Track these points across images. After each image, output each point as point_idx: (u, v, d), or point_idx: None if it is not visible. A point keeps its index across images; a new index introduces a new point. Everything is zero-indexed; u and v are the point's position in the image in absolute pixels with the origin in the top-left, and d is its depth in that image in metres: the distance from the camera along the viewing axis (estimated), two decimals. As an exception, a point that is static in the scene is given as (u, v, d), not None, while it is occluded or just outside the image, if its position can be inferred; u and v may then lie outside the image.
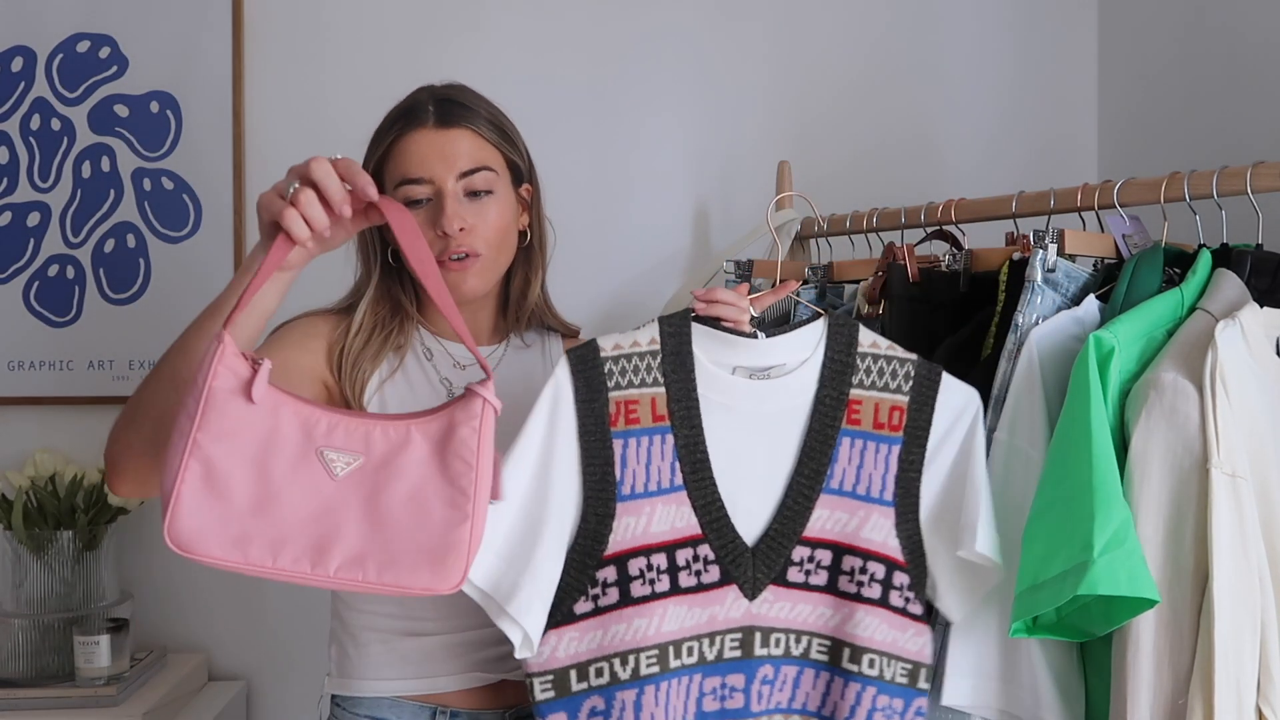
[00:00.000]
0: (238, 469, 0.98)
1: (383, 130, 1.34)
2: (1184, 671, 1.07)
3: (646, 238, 2.19)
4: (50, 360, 2.10)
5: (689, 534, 1.17)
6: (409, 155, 1.31)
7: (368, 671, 1.33)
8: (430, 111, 1.32)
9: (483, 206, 1.32)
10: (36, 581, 1.92)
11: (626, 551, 1.15)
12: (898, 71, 2.22)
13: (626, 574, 1.15)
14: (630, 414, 1.16)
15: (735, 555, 1.18)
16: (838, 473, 1.20)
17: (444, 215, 1.29)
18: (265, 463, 0.99)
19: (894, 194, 1.88)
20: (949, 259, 1.44)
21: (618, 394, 1.16)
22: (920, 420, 1.20)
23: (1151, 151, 2.06)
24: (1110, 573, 1.02)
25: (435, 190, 1.30)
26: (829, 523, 1.20)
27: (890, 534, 1.19)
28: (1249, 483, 1.07)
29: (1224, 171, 1.24)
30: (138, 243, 2.11)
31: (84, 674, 1.86)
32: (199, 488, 0.97)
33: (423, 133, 1.31)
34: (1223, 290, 1.20)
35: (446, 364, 1.38)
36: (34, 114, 2.09)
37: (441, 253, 1.30)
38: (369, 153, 1.35)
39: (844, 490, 1.20)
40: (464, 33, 2.14)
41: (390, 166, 1.32)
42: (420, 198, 1.31)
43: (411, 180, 1.30)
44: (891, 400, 1.20)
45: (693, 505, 1.17)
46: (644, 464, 1.16)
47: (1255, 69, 1.78)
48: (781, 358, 1.20)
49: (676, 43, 2.18)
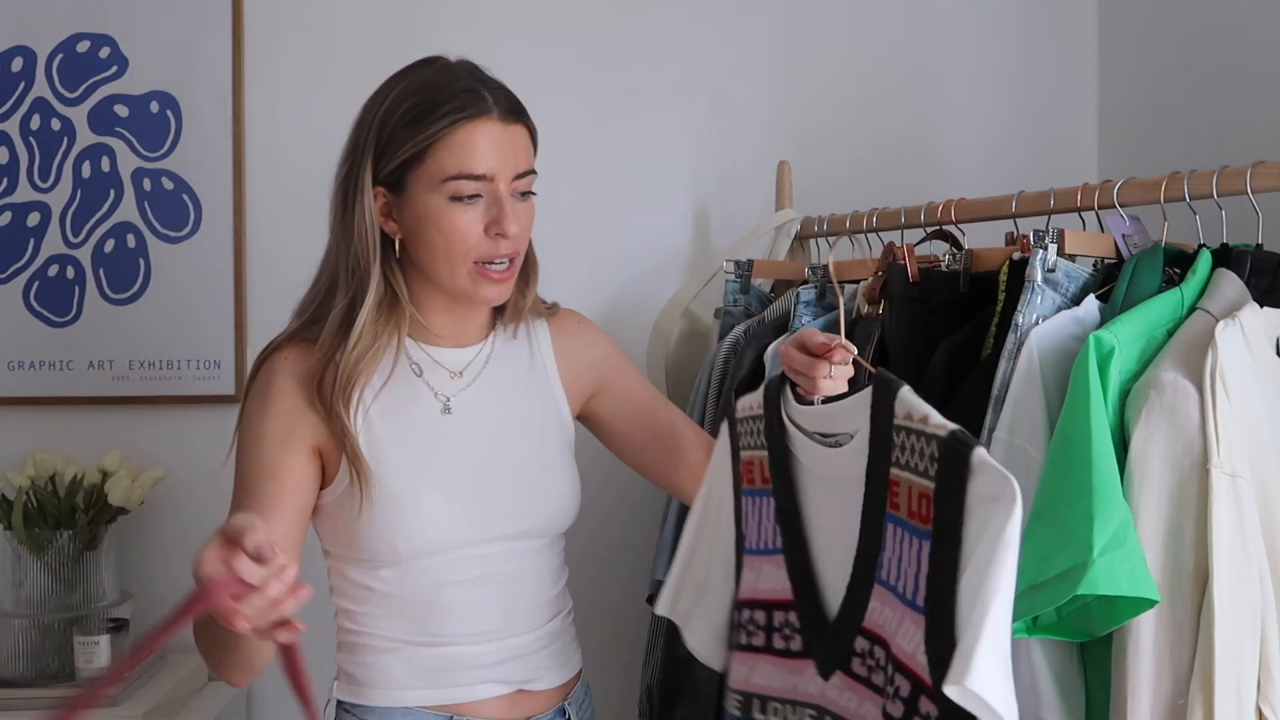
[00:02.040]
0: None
1: (428, 111, 1.20)
2: (1184, 671, 1.07)
3: (646, 238, 2.19)
4: (50, 360, 2.10)
5: (784, 597, 1.17)
6: (471, 148, 1.19)
7: (380, 681, 1.30)
8: (490, 101, 1.21)
9: (525, 209, 1.26)
10: (36, 581, 1.92)
11: (745, 601, 1.20)
12: (898, 72, 2.22)
13: (740, 620, 1.21)
14: (749, 474, 1.22)
15: (816, 629, 1.13)
16: (886, 562, 1.04)
17: (505, 216, 1.21)
18: None
19: (894, 194, 1.88)
20: (949, 259, 1.44)
21: (745, 455, 1.22)
22: (948, 512, 0.97)
23: (1151, 151, 2.06)
24: (1110, 573, 1.02)
25: (493, 189, 1.21)
26: (881, 617, 1.04)
27: (919, 648, 0.97)
28: (1249, 483, 1.07)
29: (1224, 171, 1.24)
30: (138, 243, 2.11)
31: (84, 674, 1.86)
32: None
33: (489, 124, 1.20)
34: (1223, 290, 1.20)
35: (440, 376, 1.32)
36: (34, 114, 2.09)
37: (488, 256, 1.23)
38: (401, 133, 1.20)
39: (889, 583, 1.04)
40: (464, 31, 2.14)
41: (441, 156, 1.19)
42: (473, 195, 1.21)
43: (473, 177, 1.20)
44: (920, 486, 1.00)
45: (788, 569, 1.16)
46: (758, 522, 1.20)
47: (1255, 69, 1.78)
48: (841, 425, 1.11)
49: (677, 43, 2.18)
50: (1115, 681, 1.10)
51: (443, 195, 1.21)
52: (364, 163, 1.23)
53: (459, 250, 1.23)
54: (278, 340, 1.31)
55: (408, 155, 1.20)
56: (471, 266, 1.24)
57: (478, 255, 1.23)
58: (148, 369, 2.11)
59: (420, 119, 1.20)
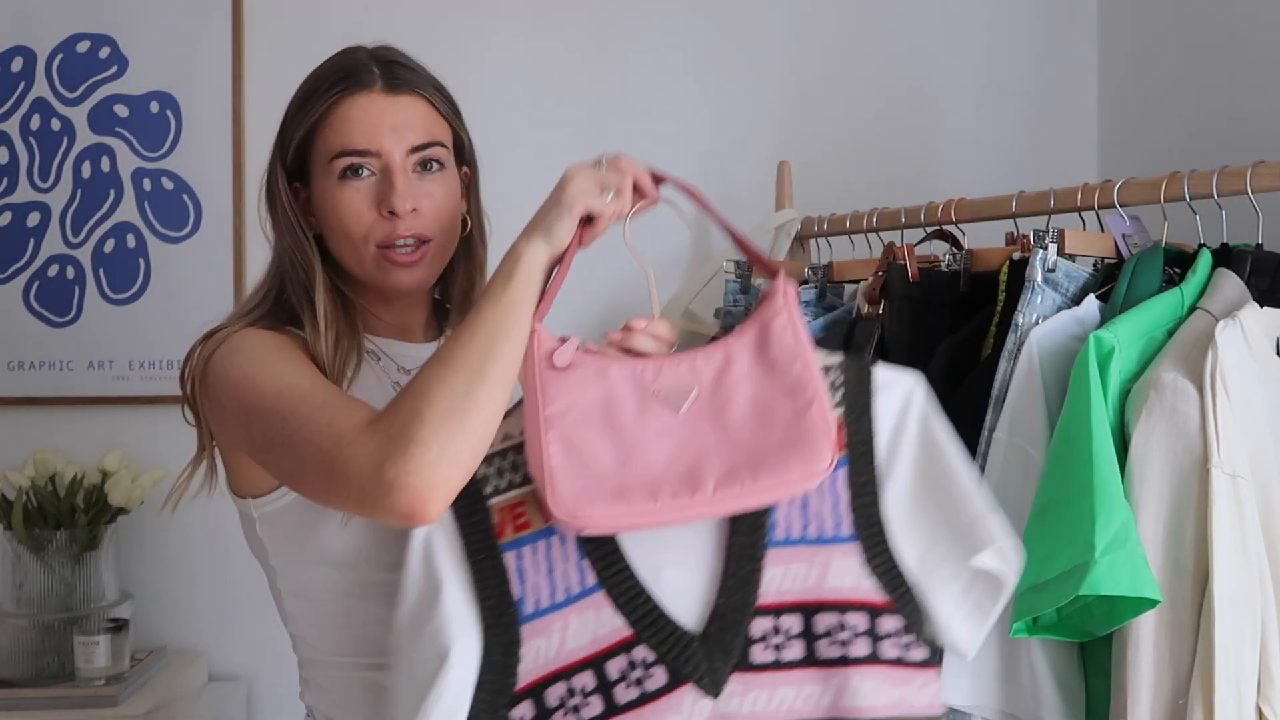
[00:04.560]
0: (592, 434, 0.98)
1: (313, 91, 1.16)
2: (1184, 671, 1.07)
3: (646, 238, 2.18)
4: (50, 360, 2.10)
5: (617, 639, 0.98)
6: (352, 123, 1.13)
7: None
8: (376, 74, 1.15)
9: (432, 185, 1.16)
10: (36, 581, 1.91)
11: (541, 680, 0.98)
12: (898, 71, 2.22)
13: (545, 707, 0.97)
14: (519, 519, 1.01)
15: (681, 649, 0.98)
16: (780, 520, 1.00)
17: (394, 193, 1.12)
18: (614, 420, 0.99)
19: (894, 194, 1.88)
20: (949, 259, 1.44)
21: (498, 500, 1.01)
22: (860, 432, 1.01)
23: (1151, 151, 2.06)
24: (1112, 573, 1.03)
25: (381, 165, 1.14)
26: (786, 581, 1.00)
27: (861, 575, 0.99)
28: (1249, 482, 1.07)
29: (1224, 171, 1.24)
30: (138, 243, 2.11)
31: (84, 674, 1.86)
32: (565, 461, 0.96)
33: (369, 97, 1.14)
34: (1223, 290, 1.20)
35: (392, 367, 1.22)
36: (34, 114, 2.09)
37: (387, 238, 1.13)
38: (293, 117, 1.17)
39: (793, 539, 1.00)
40: (464, 32, 2.14)
41: (325, 135, 1.14)
42: (362, 170, 1.13)
43: (355, 152, 1.13)
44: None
45: (614, 604, 0.98)
46: (545, 573, 1.00)
47: (1255, 68, 1.78)
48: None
49: (677, 43, 2.18)
50: (1115, 681, 1.10)
51: (333, 175, 1.14)
52: (275, 156, 1.20)
53: (356, 233, 1.14)
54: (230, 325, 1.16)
55: (300, 138, 1.16)
56: (374, 251, 1.15)
57: (377, 238, 1.14)
58: (148, 369, 2.11)
59: (306, 100, 1.16)
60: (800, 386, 0.99)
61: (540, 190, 1.47)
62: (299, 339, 1.14)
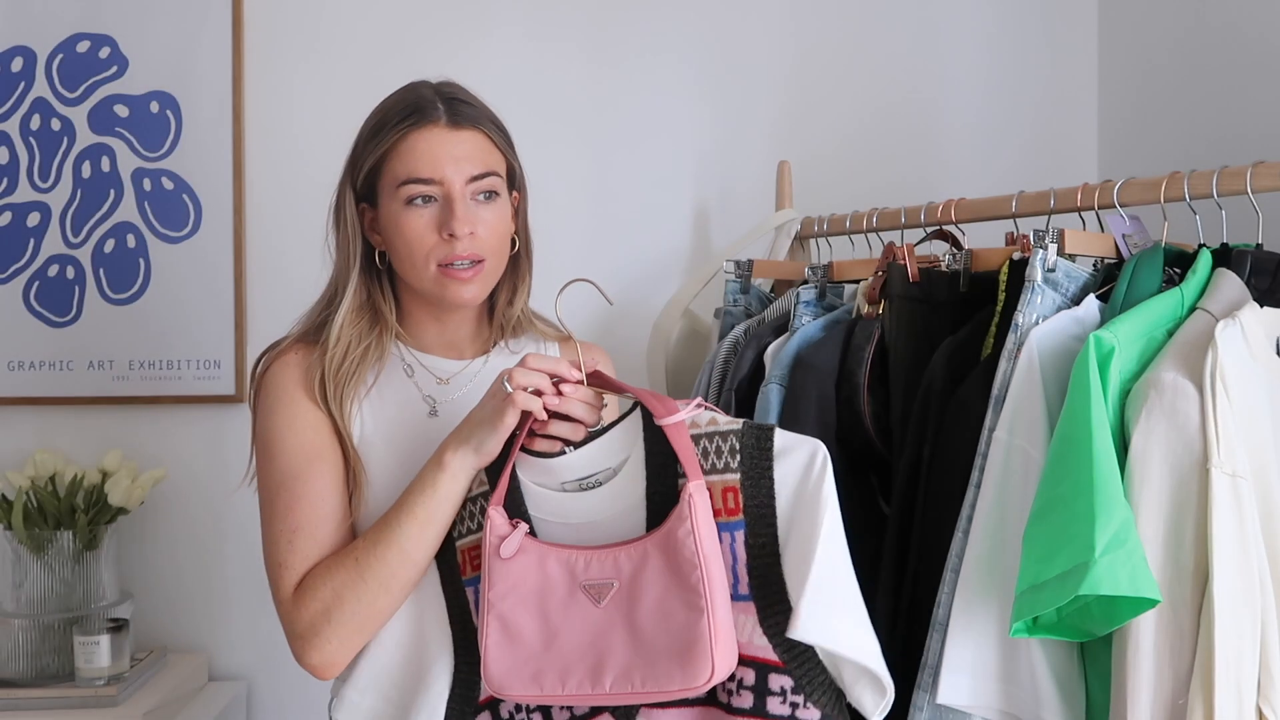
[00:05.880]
0: (525, 616, 1.11)
1: (383, 124, 1.30)
2: (1184, 671, 1.07)
3: (646, 238, 2.19)
4: (50, 360, 2.10)
5: None
6: (418, 154, 1.27)
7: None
8: (440, 110, 1.28)
9: (487, 212, 1.29)
10: (36, 581, 1.92)
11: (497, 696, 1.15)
12: (898, 71, 2.22)
13: (499, 717, 1.17)
14: (474, 560, 1.18)
15: None
16: None
17: (454, 218, 1.26)
18: (545, 606, 1.11)
19: (894, 194, 1.88)
20: (949, 259, 1.44)
21: (462, 542, 1.19)
22: (759, 497, 1.09)
23: (1151, 151, 2.06)
24: (1112, 573, 1.02)
25: (444, 192, 1.27)
26: None
27: (754, 632, 1.08)
28: (1249, 482, 1.07)
29: (1224, 171, 1.24)
30: (138, 243, 2.11)
31: (84, 674, 1.86)
32: (500, 639, 1.11)
33: (434, 131, 1.27)
34: (1223, 290, 1.20)
35: (429, 381, 1.34)
36: (34, 114, 2.09)
37: (446, 257, 1.27)
38: (365, 147, 1.30)
39: None
40: (464, 32, 2.14)
41: (394, 164, 1.28)
42: (426, 197, 1.27)
43: (420, 180, 1.26)
44: (723, 481, 1.10)
45: None
46: None
47: (1255, 68, 1.79)
48: (599, 464, 1.15)
49: (677, 43, 2.18)
50: (1115, 681, 1.10)
51: (400, 200, 1.27)
52: (345, 178, 1.33)
53: (419, 252, 1.28)
54: (280, 343, 1.34)
55: (370, 166, 1.30)
56: (435, 270, 1.28)
57: (438, 257, 1.27)
58: (148, 369, 2.11)
59: (377, 131, 1.30)
60: (696, 596, 1.06)
61: (540, 191, 1.48)
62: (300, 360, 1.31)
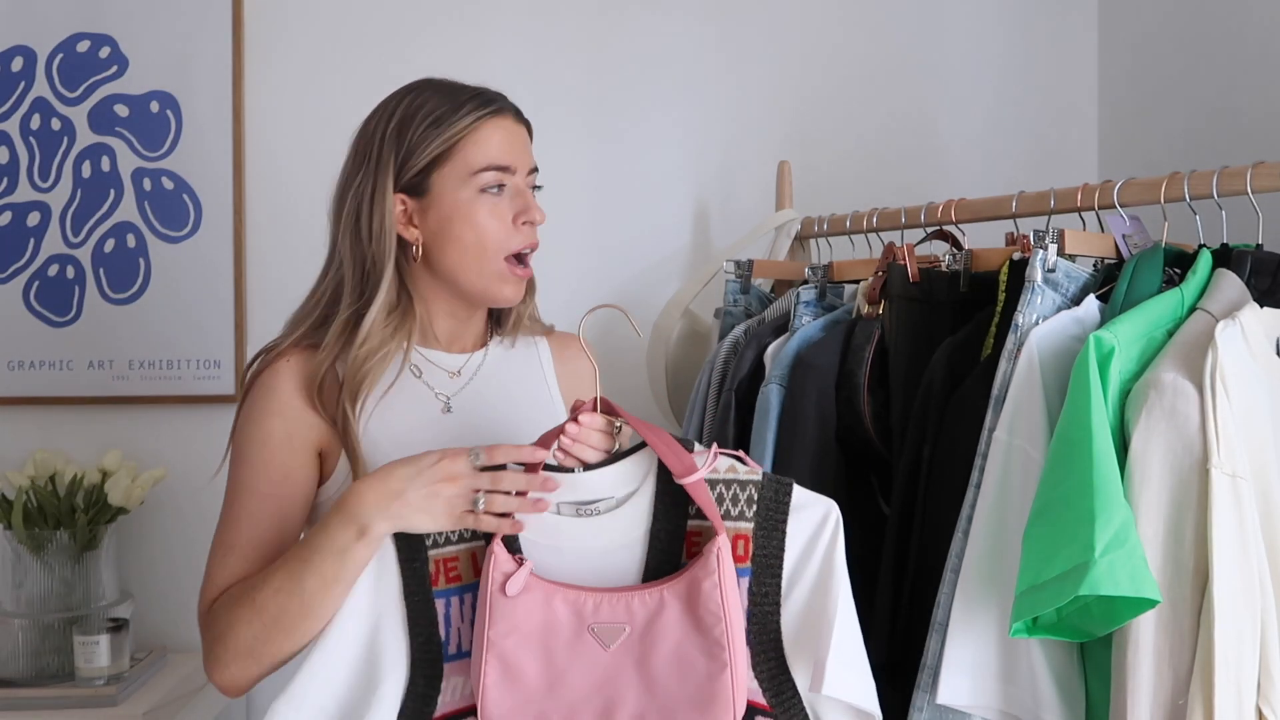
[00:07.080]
0: (528, 657, 1.07)
1: (447, 113, 1.25)
2: (1184, 671, 1.07)
3: (646, 238, 2.19)
4: (50, 360, 2.10)
5: None
6: (497, 142, 1.26)
7: None
8: (509, 104, 1.29)
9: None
10: (36, 581, 1.92)
11: (455, 712, 1.10)
12: (898, 71, 2.22)
13: None
14: (450, 571, 1.13)
15: None
16: None
17: (532, 205, 1.26)
18: (549, 647, 1.08)
19: (894, 194, 1.88)
20: (949, 259, 1.44)
21: (436, 552, 1.13)
22: (769, 548, 1.10)
23: (1151, 152, 2.06)
24: (1112, 573, 1.02)
25: (514, 181, 1.27)
26: None
27: (748, 676, 1.09)
28: (1249, 483, 1.07)
29: (1224, 171, 1.24)
30: (138, 243, 2.11)
31: (84, 674, 1.86)
32: (499, 680, 1.07)
33: (506, 120, 1.27)
34: (1223, 290, 1.20)
35: (439, 377, 1.32)
36: (34, 114, 2.09)
37: (520, 246, 1.27)
38: (423, 134, 1.25)
39: None
40: (464, 32, 2.14)
41: (468, 151, 1.25)
42: (500, 185, 1.26)
43: (499, 167, 1.25)
44: (735, 529, 1.10)
45: None
46: (468, 622, 1.12)
47: (1255, 68, 1.79)
48: (605, 491, 1.13)
49: (677, 43, 2.18)
50: (1115, 681, 1.10)
51: (472, 189, 1.25)
52: (383, 171, 1.26)
53: (492, 243, 1.26)
54: (278, 345, 1.30)
55: (435, 155, 1.25)
56: (502, 263, 1.27)
57: (511, 246, 1.26)
58: (148, 369, 2.11)
59: (444, 119, 1.25)
60: (719, 649, 1.05)
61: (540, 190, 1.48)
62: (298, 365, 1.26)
